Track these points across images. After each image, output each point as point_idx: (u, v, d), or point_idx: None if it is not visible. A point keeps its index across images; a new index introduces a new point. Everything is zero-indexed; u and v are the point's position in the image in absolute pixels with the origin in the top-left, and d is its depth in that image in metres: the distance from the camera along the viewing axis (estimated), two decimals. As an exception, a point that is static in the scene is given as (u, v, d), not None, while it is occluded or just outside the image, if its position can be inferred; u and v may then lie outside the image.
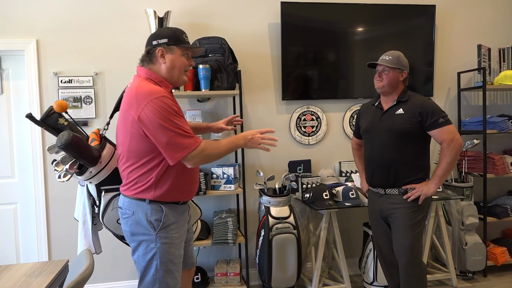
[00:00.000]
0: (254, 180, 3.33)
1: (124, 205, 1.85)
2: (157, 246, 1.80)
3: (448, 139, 2.27)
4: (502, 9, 3.81)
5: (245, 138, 1.88)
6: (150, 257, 1.81)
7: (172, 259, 1.83)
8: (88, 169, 1.91)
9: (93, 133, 2.04)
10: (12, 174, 3.17)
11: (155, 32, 1.89)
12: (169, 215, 1.83)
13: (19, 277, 1.83)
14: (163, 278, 1.81)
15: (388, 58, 2.40)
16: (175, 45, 1.84)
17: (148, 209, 1.80)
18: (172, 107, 1.73)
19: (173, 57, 1.84)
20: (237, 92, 3.10)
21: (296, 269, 3.02)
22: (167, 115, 1.70)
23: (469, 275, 3.42)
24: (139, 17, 3.16)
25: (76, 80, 3.11)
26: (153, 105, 1.70)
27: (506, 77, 3.49)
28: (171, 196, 1.83)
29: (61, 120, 2.04)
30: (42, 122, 2.02)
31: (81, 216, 2.18)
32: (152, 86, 1.78)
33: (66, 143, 1.77)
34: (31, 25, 3.06)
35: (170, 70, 1.85)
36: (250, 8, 3.36)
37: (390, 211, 2.41)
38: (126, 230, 1.86)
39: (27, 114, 2.04)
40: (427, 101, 2.35)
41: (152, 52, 1.84)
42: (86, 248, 2.14)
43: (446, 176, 2.33)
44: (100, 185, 2.00)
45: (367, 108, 2.61)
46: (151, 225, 1.79)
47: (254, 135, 1.89)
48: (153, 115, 1.69)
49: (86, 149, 1.85)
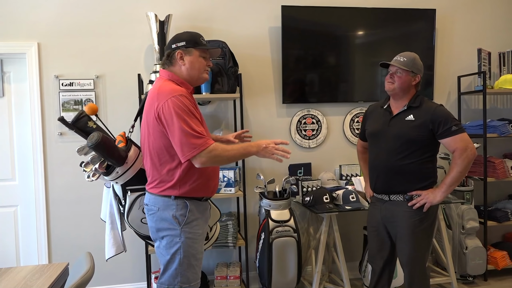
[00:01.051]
0: (255, 183, 3.32)
1: (150, 202, 1.94)
2: (181, 240, 1.88)
3: (462, 148, 2.16)
4: (502, 13, 3.82)
5: (258, 146, 1.92)
6: (174, 251, 1.89)
7: (194, 254, 1.92)
8: (115, 169, 1.98)
9: (120, 136, 2.12)
10: (12, 177, 3.17)
11: (174, 36, 2.00)
12: (193, 211, 1.92)
13: (19, 280, 1.83)
14: (185, 272, 1.90)
15: (402, 60, 2.28)
16: (193, 48, 1.95)
17: (173, 204, 1.89)
18: (189, 107, 1.82)
19: (192, 59, 1.95)
20: (238, 95, 3.11)
21: (296, 273, 3.01)
22: (182, 113, 1.79)
23: (469, 279, 3.41)
24: (140, 21, 3.17)
25: (77, 83, 3.12)
26: (171, 102, 1.79)
27: (506, 81, 3.49)
28: (195, 192, 1.92)
29: (90, 123, 2.13)
30: (73, 125, 2.11)
31: (108, 217, 2.22)
32: (174, 85, 1.90)
33: (97, 143, 1.84)
34: (32, 28, 3.07)
35: (189, 71, 1.96)
36: (250, 12, 3.37)
37: (394, 218, 2.31)
38: (152, 226, 1.95)
39: (59, 118, 2.15)
40: (439, 108, 2.24)
41: (172, 55, 1.96)
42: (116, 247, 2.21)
43: (455, 185, 2.22)
44: (126, 185, 2.07)
45: (375, 110, 2.48)
46: (176, 220, 1.88)
47: (268, 145, 1.92)
48: (170, 112, 1.79)
49: (114, 149, 1.93)
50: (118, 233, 2.22)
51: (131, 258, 3.24)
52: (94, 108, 2.15)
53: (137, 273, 3.28)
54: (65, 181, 3.14)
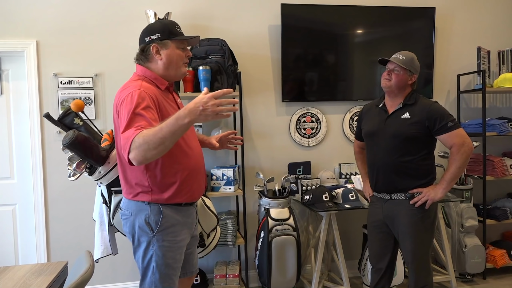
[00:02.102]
0: (254, 181, 3.32)
1: (124, 206, 1.82)
2: (154, 248, 1.74)
3: (458, 144, 2.18)
4: (501, 12, 3.82)
5: (193, 113, 1.48)
6: (148, 260, 1.76)
7: (170, 263, 1.76)
8: (97, 169, 1.91)
9: (106, 134, 2.04)
10: (11, 175, 3.16)
11: (146, 28, 1.80)
12: (168, 217, 1.75)
13: (18, 278, 1.83)
14: (158, 282, 1.75)
15: (401, 58, 2.30)
16: (169, 39, 1.76)
17: (146, 210, 1.74)
18: (141, 103, 1.58)
19: (169, 52, 1.76)
20: (237, 93, 3.10)
21: (296, 271, 3.01)
22: (128, 112, 1.58)
23: (468, 277, 3.41)
24: (139, 19, 3.16)
25: (76, 81, 3.11)
26: (125, 99, 1.62)
27: (505, 80, 3.49)
28: (171, 198, 1.76)
29: (77, 120, 2.06)
30: (59, 121, 2.05)
31: (98, 217, 2.19)
32: (136, 83, 1.70)
33: (70, 141, 1.77)
34: (31, 26, 3.06)
35: (167, 66, 1.78)
36: (250, 10, 3.36)
37: (396, 216, 2.31)
38: (126, 231, 1.84)
39: (44, 114, 2.07)
40: (435, 104, 2.27)
41: (147, 50, 1.77)
42: (103, 248, 2.16)
43: (454, 181, 2.25)
44: (111, 186, 1.99)
45: (370, 109, 2.49)
46: (149, 226, 1.73)
47: (206, 105, 1.47)
48: (121, 109, 1.62)
49: (92, 148, 1.84)
50: (106, 234, 2.15)
51: (130, 256, 3.23)
52: (81, 104, 2.07)
53: (137, 271, 3.27)
54: (64, 180, 3.13)
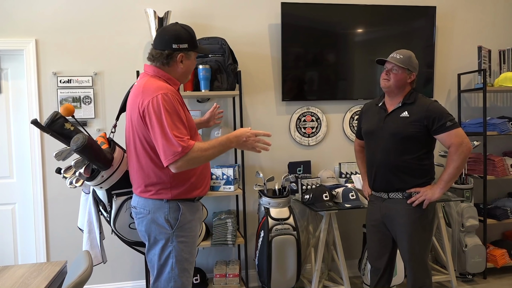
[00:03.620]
0: (254, 181, 3.31)
1: (139, 204, 1.84)
2: (173, 244, 1.81)
3: (457, 143, 2.17)
4: (502, 11, 3.81)
5: (238, 140, 1.82)
6: (165, 256, 1.82)
7: (187, 258, 1.85)
8: (100, 173, 1.85)
9: (101, 137, 1.99)
10: (10, 174, 3.16)
11: (174, 34, 1.81)
12: (186, 213, 1.83)
13: (17, 278, 1.82)
14: (178, 277, 1.82)
15: (399, 57, 2.28)
16: (193, 51, 1.86)
17: (166, 207, 1.80)
18: (175, 106, 1.71)
19: (189, 63, 1.88)
20: (237, 92, 3.10)
21: (296, 271, 3.01)
22: (166, 113, 1.68)
23: (469, 277, 3.41)
24: (139, 17, 3.15)
25: (75, 80, 3.10)
26: (156, 101, 1.69)
27: (506, 79, 3.49)
28: (188, 193, 1.84)
29: (67, 125, 1.91)
30: (48, 127, 1.89)
31: (86, 225, 2.12)
32: (160, 82, 1.79)
33: (82, 145, 1.70)
34: (30, 25, 3.05)
35: (184, 74, 1.89)
36: (250, 9, 3.36)
37: (393, 216, 2.31)
38: (141, 230, 1.85)
39: (32, 120, 1.92)
40: (434, 103, 2.26)
41: (172, 56, 1.81)
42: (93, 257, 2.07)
43: (452, 181, 2.24)
44: (111, 190, 1.94)
45: (370, 108, 2.49)
46: (168, 223, 1.80)
47: (248, 138, 1.83)
48: (154, 111, 1.68)
49: (100, 151, 1.81)
50: (96, 243, 2.11)
51: (130, 255, 3.22)
52: (71, 108, 1.94)
53: (136, 271, 3.27)
54: (63, 179, 3.11)
